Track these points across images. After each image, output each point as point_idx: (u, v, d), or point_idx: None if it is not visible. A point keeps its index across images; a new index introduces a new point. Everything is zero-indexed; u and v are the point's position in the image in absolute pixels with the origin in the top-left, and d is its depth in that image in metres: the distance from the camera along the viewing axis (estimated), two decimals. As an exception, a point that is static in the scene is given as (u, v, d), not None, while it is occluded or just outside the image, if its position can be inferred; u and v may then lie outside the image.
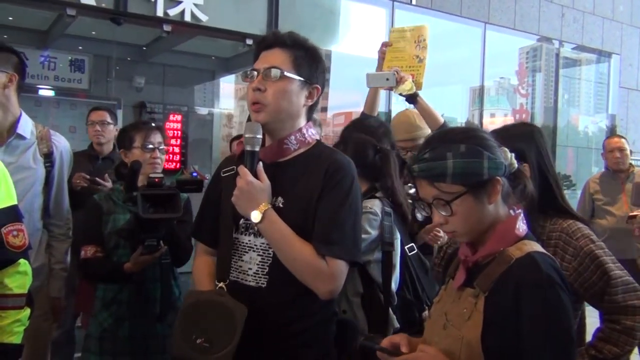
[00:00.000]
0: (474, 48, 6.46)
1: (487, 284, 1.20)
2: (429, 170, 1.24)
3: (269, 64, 1.52)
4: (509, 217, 1.28)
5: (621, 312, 1.60)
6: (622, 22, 7.75)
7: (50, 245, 2.48)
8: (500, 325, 1.16)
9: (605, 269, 1.59)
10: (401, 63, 2.90)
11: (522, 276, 1.17)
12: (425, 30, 2.90)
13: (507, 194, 1.29)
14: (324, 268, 1.45)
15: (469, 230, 1.27)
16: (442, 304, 1.36)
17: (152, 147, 2.29)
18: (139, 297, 2.15)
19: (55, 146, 2.44)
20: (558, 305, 1.14)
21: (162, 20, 4.32)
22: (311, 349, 1.54)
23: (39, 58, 5.76)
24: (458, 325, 1.23)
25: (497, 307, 1.17)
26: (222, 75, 7.13)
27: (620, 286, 1.59)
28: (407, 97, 2.76)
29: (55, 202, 2.46)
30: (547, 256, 1.22)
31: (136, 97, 6.37)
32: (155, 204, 1.93)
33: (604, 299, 1.61)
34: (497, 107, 7.22)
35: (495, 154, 1.25)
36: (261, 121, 1.51)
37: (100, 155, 3.48)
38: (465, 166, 1.21)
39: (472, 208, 1.24)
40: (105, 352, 2.13)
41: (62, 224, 2.52)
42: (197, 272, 1.69)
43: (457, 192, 1.22)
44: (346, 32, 5.49)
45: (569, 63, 7.81)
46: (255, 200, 1.46)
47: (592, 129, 8.19)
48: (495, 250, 1.24)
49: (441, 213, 1.25)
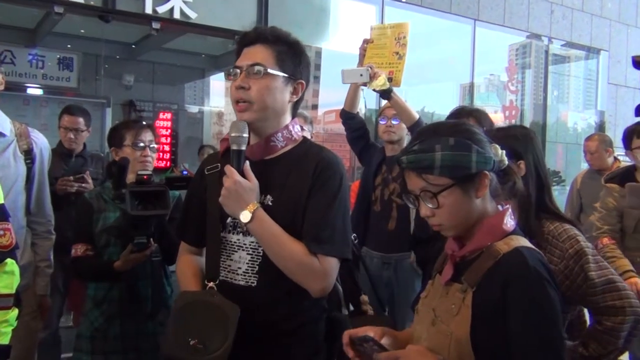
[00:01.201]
0: (464, 45, 6.49)
1: (474, 279, 1.20)
2: (417, 162, 1.24)
3: (251, 60, 1.50)
4: (497, 212, 1.28)
5: (603, 313, 1.60)
6: (610, 19, 7.80)
7: (34, 243, 2.46)
8: (488, 320, 1.16)
9: (586, 270, 1.59)
10: (381, 60, 2.92)
11: (509, 271, 1.17)
12: (405, 28, 2.91)
13: (495, 189, 1.29)
14: (317, 266, 1.45)
15: (455, 224, 1.27)
16: (429, 299, 1.35)
17: (142, 145, 2.27)
18: (130, 295, 2.14)
19: (35, 143, 2.42)
20: (545, 300, 1.14)
21: (151, 18, 4.30)
22: (301, 346, 1.54)
23: (27, 56, 5.72)
24: (446, 321, 1.23)
25: (485, 302, 1.17)
26: (212, 73, 7.12)
27: (600, 287, 1.59)
28: (381, 92, 2.78)
29: (36, 199, 2.44)
30: (534, 251, 1.22)
31: (125, 95, 6.34)
32: (144, 201, 1.91)
33: (587, 300, 1.63)
34: (487, 103, 7.25)
35: (485, 149, 1.25)
36: (246, 120, 1.49)
37: (72, 153, 3.43)
38: (454, 159, 1.21)
39: (459, 201, 1.23)
40: (97, 352, 2.12)
41: (44, 221, 2.49)
42: (181, 272, 1.66)
43: (444, 185, 1.22)
44: (336, 29, 5.49)
45: (558, 60, 7.86)
46: (244, 200, 1.44)
47: (581, 125, 8.25)
48: (483, 245, 1.24)
49: (428, 205, 1.25)
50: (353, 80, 2.86)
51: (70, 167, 3.31)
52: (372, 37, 3.00)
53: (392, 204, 2.92)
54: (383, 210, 2.95)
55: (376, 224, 2.96)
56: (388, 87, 2.75)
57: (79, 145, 3.44)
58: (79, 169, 3.22)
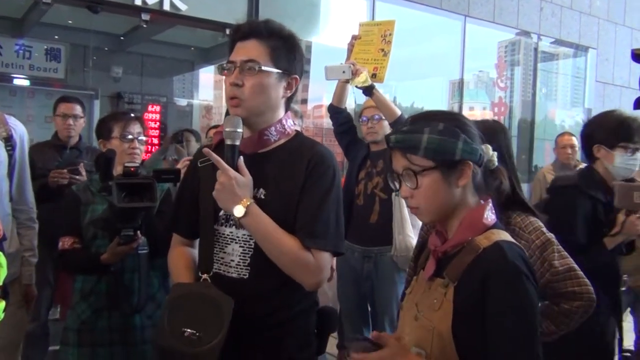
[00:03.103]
0: (454, 41, 6.51)
1: (456, 274, 1.21)
2: (403, 141, 1.26)
3: (246, 56, 1.50)
4: (477, 206, 1.29)
5: (562, 297, 1.74)
6: (598, 17, 7.86)
7: (18, 233, 2.44)
8: (469, 315, 1.17)
9: (550, 259, 1.72)
10: (367, 56, 2.96)
11: (488, 265, 1.18)
12: (392, 25, 2.95)
13: (480, 184, 1.30)
14: (311, 260, 1.46)
15: (432, 209, 1.28)
16: (413, 294, 1.36)
17: (131, 137, 2.26)
18: (117, 288, 2.13)
19: (14, 130, 2.38)
20: (522, 294, 1.15)
21: (140, 9, 4.27)
22: (292, 338, 1.55)
23: (14, 47, 5.66)
24: (429, 315, 1.24)
25: (465, 296, 1.18)
26: (202, 66, 7.09)
27: (562, 274, 1.72)
28: (363, 89, 2.81)
29: (18, 186, 2.41)
30: (515, 245, 1.23)
31: (114, 88, 6.30)
32: (130, 193, 1.90)
33: (548, 287, 1.74)
34: (476, 100, 7.29)
35: (473, 140, 1.26)
36: (239, 115, 1.50)
37: (67, 145, 3.42)
38: (439, 143, 1.23)
39: (439, 186, 1.25)
40: (84, 344, 2.11)
41: (26, 208, 2.46)
42: (173, 264, 1.67)
43: (425, 166, 1.24)
44: (327, 24, 5.49)
45: (547, 57, 7.92)
46: (237, 195, 1.44)
47: (568, 122, 8.32)
48: (464, 239, 1.25)
49: (407, 185, 1.27)
50: (336, 77, 2.91)
51: (65, 159, 3.29)
52: (360, 34, 3.04)
53: (375, 198, 2.96)
54: (366, 203, 2.99)
55: (358, 217, 2.99)
56: (370, 83, 2.79)
57: (77, 132, 3.43)
58: (74, 161, 3.20)
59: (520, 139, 7.53)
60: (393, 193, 2.84)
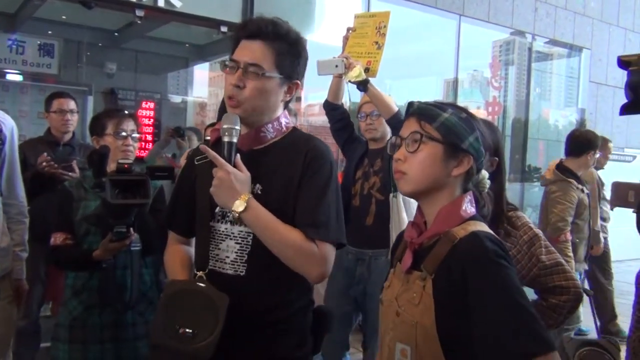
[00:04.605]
0: (449, 40, 6.51)
1: (433, 266, 1.21)
2: (425, 110, 1.31)
3: (250, 58, 1.49)
4: (457, 198, 1.30)
5: (550, 292, 1.77)
6: (592, 18, 7.89)
7: (8, 228, 2.42)
8: (451, 306, 1.17)
9: (538, 254, 1.75)
10: (361, 49, 2.87)
11: (467, 254, 1.18)
12: (387, 17, 2.86)
13: (469, 186, 1.32)
14: (315, 251, 1.45)
15: (420, 178, 1.28)
16: (392, 289, 1.36)
17: (124, 134, 2.26)
18: (109, 284, 2.12)
19: (4, 124, 2.37)
20: (504, 278, 1.14)
21: (134, 5, 4.24)
22: (288, 337, 1.55)
23: (7, 42, 5.61)
24: (410, 311, 1.23)
25: (445, 288, 1.18)
26: (196, 63, 7.06)
27: (549, 268, 1.76)
28: (357, 84, 2.72)
29: (8, 180, 2.39)
30: (490, 234, 1.23)
31: (107, 84, 6.27)
32: (124, 190, 1.90)
33: (536, 281, 1.78)
34: (470, 99, 7.30)
35: (483, 144, 1.30)
36: (237, 114, 1.50)
37: (60, 141, 3.42)
38: (455, 124, 1.27)
39: (435, 159, 1.27)
40: (75, 341, 2.11)
41: (17, 203, 2.45)
42: (169, 262, 1.67)
43: (434, 136, 1.27)
44: (322, 21, 5.47)
45: (541, 57, 7.93)
46: (236, 190, 1.44)
47: (562, 122, 8.35)
48: (440, 231, 1.26)
49: (407, 149, 1.29)
50: (328, 72, 2.79)
51: (58, 155, 3.27)
52: (355, 26, 2.96)
53: (371, 199, 2.87)
54: (362, 204, 2.90)
55: (354, 219, 2.89)
56: (364, 78, 2.70)
57: (72, 128, 3.44)
58: (67, 157, 3.18)
59: (514, 138, 7.55)
60: (390, 194, 2.76)
